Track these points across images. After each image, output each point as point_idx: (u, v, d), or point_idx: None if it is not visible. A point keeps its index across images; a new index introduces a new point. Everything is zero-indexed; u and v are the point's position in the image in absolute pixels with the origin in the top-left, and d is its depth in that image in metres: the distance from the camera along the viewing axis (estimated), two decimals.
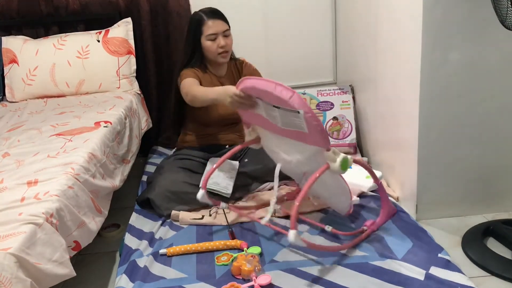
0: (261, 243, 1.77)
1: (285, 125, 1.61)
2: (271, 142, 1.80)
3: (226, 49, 2.14)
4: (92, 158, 1.78)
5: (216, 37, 2.11)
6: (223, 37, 2.12)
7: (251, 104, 1.69)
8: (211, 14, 2.13)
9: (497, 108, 1.86)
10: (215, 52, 2.13)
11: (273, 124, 1.67)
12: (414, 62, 1.82)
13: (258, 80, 1.60)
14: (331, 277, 1.54)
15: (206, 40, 2.12)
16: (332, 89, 2.74)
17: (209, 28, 2.10)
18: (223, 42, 2.12)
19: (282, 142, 1.71)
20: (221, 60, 2.16)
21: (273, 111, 1.60)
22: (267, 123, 1.71)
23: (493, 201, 1.98)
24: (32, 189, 1.50)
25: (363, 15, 2.42)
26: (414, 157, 1.91)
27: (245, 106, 1.71)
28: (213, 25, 2.10)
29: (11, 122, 2.28)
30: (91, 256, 1.93)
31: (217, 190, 2.03)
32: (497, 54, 1.79)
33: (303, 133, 1.57)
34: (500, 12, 1.45)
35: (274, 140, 1.76)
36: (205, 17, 2.12)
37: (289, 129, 1.61)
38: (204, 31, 2.11)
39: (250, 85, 1.62)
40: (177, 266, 1.67)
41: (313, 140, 1.57)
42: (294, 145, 1.67)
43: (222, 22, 2.13)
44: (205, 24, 2.11)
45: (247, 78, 1.65)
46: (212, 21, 2.11)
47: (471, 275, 1.57)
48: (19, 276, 1.19)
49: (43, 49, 2.66)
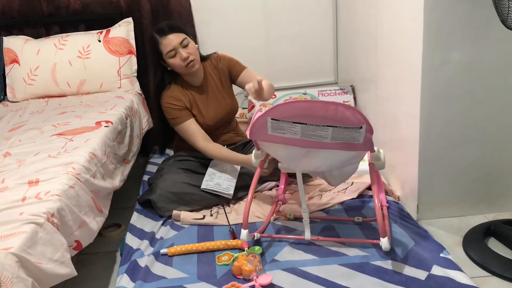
0: (262, 243, 1.77)
1: (335, 140, 1.51)
2: (295, 156, 1.64)
3: (190, 59, 2.05)
4: (93, 157, 1.78)
5: (176, 52, 2.04)
6: (182, 49, 2.04)
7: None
8: (162, 31, 2.06)
9: (498, 108, 1.86)
10: (182, 66, 2.06)
11: (310, 141, 1.54)
12: (415, 62, 1.81)
13: (310, 103, 1.48)
14: (332, 277, 1.54)
15: (168, 58, 2.06)
16: (333, 89, 2.74)
17: (166, 46, 2.03)
18: (185, 54, 2.03)
19: (315, 153, 1.59)
20: (192, 70, 2.08)
21: (322, 131, 1.49)
22: (298, 141, 1.56)
23: (494, 201, 1.98)
24: (33, 189, 1.50)
25: (364, 15, 2.42)
26: (415, 157, 1.91)
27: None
28: (167, 42, 2.03)
29: (12, 122, 2.29)
30: (92, 255, 1.94)
31: (218, 191, 2.03)
32: (498, 54, 1.78)
33: (353, 143, 1.51)
34: (501, 12, 1.45)
35: (302, 152, 1.60)
36: (158, 37, 2.05)
37: (336, 142, 1.52)
38: (163, 51, 2.05)
39: (300, 111, 1.47)
40: (178, 266, 1.67)
41: (362, 147, 1.53)
42: (333, 153, 1.57)
43: (175, 35, 2.04)
44: (160, 43, 2.04)
45: (292, 103, 1.47)
46: (166, 38, 2.04)
47: (472, 275, 1.57)
48: (20, 275, 1.20)
49: (44, 49, 2.66)
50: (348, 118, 1.42)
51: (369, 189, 2.10)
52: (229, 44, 2.93)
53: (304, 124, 1.48)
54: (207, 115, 2.16)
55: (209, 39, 2.93)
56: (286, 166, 1.84)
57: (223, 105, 2.21)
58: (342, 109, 1.42)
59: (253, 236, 1.76)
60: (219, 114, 2.19)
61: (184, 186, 2.04)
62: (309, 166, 1.69)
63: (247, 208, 1.68)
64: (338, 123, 1.45)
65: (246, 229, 1.68)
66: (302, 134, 1.51)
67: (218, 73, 2.22)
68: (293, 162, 1.69)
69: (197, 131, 2.11)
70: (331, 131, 1.48)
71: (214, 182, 2.05)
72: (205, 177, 2.08)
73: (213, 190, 2.02)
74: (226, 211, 2.01)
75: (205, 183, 2.05)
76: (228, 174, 2.10)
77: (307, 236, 1.72)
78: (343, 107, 1.42)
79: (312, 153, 1.58)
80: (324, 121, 1.45)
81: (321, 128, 1.48)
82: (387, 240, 1.57)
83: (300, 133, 1.51)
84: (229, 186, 2.06)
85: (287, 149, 1.60)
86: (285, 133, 1.52)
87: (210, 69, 2.22)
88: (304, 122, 1.47)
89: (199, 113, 2.15)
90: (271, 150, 1.70)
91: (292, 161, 1.69)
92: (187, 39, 2.07)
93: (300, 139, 1.52)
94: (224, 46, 2.93)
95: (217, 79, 2.22)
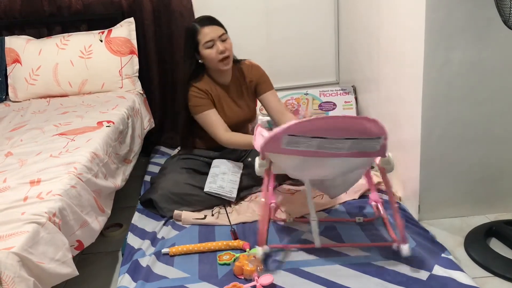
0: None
1: (351, 150, 1.49)
2: (304, 165, 1.60)
3: (226, 54, 2.07)
4: (94, 157, 1.78)
5: (214, 44, 2.05)
6: (220, 42, 2.06)
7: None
8: (204, 21, 2.08)
9: (500, 108, 1.86)
10: (216, 59, 2.06)
11: (325, 152, 1.51)
12: (416, 62, 1.81)
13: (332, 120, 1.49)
14: (334, 277, 1.54)
15: (204, 48, 2.06)
16: (335, 89, 2.74)
17: (205, 35, 2.05)
18: (222, 47, 2.05)
19: (325, 162, 1.56)
20: (224, 67, 2.10)
21: (340, 143, 1.47)
22: (312, 153, 1.52)
23: (496, 202, 1.98)
24: (35, 189, 1.50)
25: (365, 15, 2.42)
26: (416, 157, 1.91)
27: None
28: (208, 31, 2.05)
29: (14, 122, 2.29)
30: (94, 255, 1.94)
31: (222, 194, 2.02)
32: (500, 54, 1.78)
33: (369, 151, 1.52)
34: (503, 12, 1.45)
35: (312, 161, 1.57)
36: (199, 26, 2.07)
37: (352, 151, 1.51)
38: (201, 40, 2.05)
39: (322, 126, 1.44)
40: (179, 266, 1.67)
41: (375, 154, 1.55)
42: (344, 160, 1.55)
43: (216, 27, 2.07)
44: (200, 32, 2.06)
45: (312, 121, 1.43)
46: (207, 28, 2.05)
47: (474, 276, 1.57)
48: (22, 275, 1.20)
49: (46, 49, 2.66)
50: (370, 130, 1.43)
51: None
52: None
53: (323, 138, 1.46)
54: (226, 115, 2.15)
55: None
56: (292, 174, 1.78)
57: (242, 112, 2.21)
58: (370, 125, 1.42)
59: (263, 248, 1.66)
60: (237, 119, 2.18)
61: (186, 187, 2.04)
62: (318, 174, 1.66)
63: (263, 228, 1.64)
64: (359, 135, 1.45)
65: (262, 246, 1.64)
66: (318, 147, 1.49)
67: (245, 81, 2.22)
68: (301, 172, 1.67)
69: (219, 121, 2.11)
70: (350, 143, 1.47)
71: (217, 185, 2.04)
72: (208, 178, 2.07)
73: (216, 193, 2.02)
74: (228, 211, 2.01)
75: (208, 185, 2.04)
76: (231, 175, 2.10)
77: (317, 243, 1.68)
78: (366, 120, 1.43)
79: (322, 161, 1.55)
80: (345, 134, 1.44)
81: (340, 141, 1.46)
82: (408, 246, 1.59)
83: (316, 146, 1.49)
84: (232, 189, 2.05)
85: (297, 160, 1.56)
86: (299, 146, 1.50)
87: (238, 73, 2.22)
88: (323, 136, 1.45)
89: (221, 111, 2.15)
90: (279, 160, 1.65)
91: (301, 171, 1.67)
92: (226, 35, 2.10)
93: (315, 151, 1.50)
94: None
95: (242, 85, 2.21)
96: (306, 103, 2.69)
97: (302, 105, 2.69)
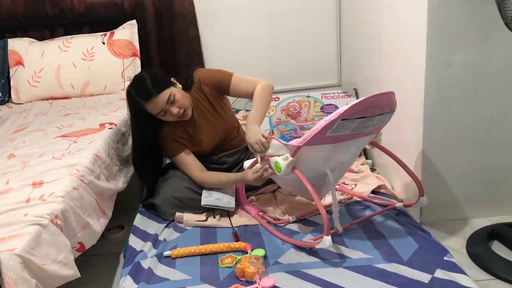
0: (265, 245, 1.77)
1: (374, 126, 1.64)
2: (332, 153, 1.65)
3: (182, 111, 1.93)
4: (96, 159, 1.79)
5: (166, 111, 1.91)
6: (171, 106, 1.90)
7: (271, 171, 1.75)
8: (144, 97, 1.88)
9: (502, 111, 1.86)
10: (175, 119, 1.96)
11: (355, 134, 1.59)
12: (418, 65, 1.81)
13: (377, 97, 1.54)
14: (335, 280, 1.54)
15: (159, 117, 1.95)
16: (336, 92, 2.74)
17: (153, 109, 1.90)
18: (175, 111, 1.90)
19: (350, 145, 1.65)
20: (186, 118, 1.98)
21: (370, 121, 1.57)
22: (346, 136, 1.59)
23: (498, 204, 1.97)
24: (37, 190, 1.51)
25: (367, 17, 2.42)
26: (418, 159, 1.91)
27: (267, 173, 1.80)
28: (153, 106, 1.89)
29: (17, 124, 2.30)
30: (96, 257, 1.94)
31: (220, 206, 1.99)
32: (501, 56, 1.78)
33: (381, 125, 1.69)
34: (505, 15, 1.45)
35: (338, 148, 1.63)
36: (142, 102, 1.89)
37: (373, 128, 1.66)
38: (151, 112, 1.92)
39: (375, 102, 1.54)
40: (181, 268, 1.67)
41: (380, 128, 1.73)
42: (361, 141, 1.70)
43: (159, 97, 1.87)
44: (146, 108, 1.91)
45: (363, 101, 1.50)
46: (150, 104, 1.88)
47: (476, 278, 1.56)
48: (24, 276, 1.20)
49: (48, 51, 2.67)
50: (394, 102, 1.60)
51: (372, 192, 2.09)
52: (232, 46, 2.94)
53: (363, 118, 1.54)
54: (203, 143, 2.08)
55: (213, 41, 2.93)
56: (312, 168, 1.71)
57: (218, 128, 2.11)
58: (393, 96, 1.59)
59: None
60: (216, 138, 2.11)
61: (187, 192, 2.02)
62: (339, 161, 1.73)
63: (325, 215, 1.60)
64: (388, 109, 1.60)
65: (328, 235, 1.58)
66: (354, 129, 1.57)
67: (206, 96, 2.06)
68: (326, 161, 1.70)
69: (193, 162, 2.05)
70: (377, 119, 1.59)
71: (214, 198, 2.00)
72: (203, 193, 2.02)
73: (214, 206, 1.99)
74: (229, 214, 2.01)
75: (204, 199, 1.99)
76: (227, 189, 2.06)
77: (340, 229, 1.73)
78: (393, 94, 1.59)
79: (346, 145, 1.65)
80: (379, 110, 1.56)
81: (371, 119, 1.57)
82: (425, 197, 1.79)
83: (353, 128, 1.56)
84: (230, 200, 2.02)
85: (327, 149, 1.63)
86: (341, 131, 1.54)
87: (197, 95, 2.06)
88: (364, 115, 1.54)
89: (196, 143, 2.08)
90: (307, 155, 1.63)
91: (326, 160, 1.69)
92: (172, 91, 1.89)
93: (349, 134, 1.58)
94: (227, 48, 2.95)
95: (206, 103, 2.08)
96: (307, 105, 2.70)
97: (304, 107, 2.69)
